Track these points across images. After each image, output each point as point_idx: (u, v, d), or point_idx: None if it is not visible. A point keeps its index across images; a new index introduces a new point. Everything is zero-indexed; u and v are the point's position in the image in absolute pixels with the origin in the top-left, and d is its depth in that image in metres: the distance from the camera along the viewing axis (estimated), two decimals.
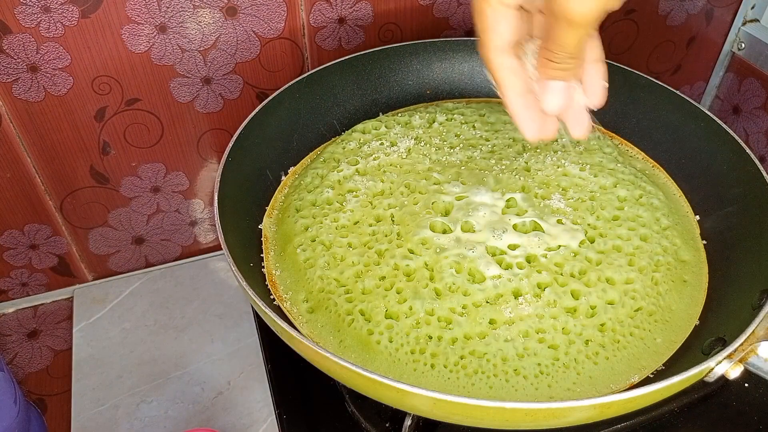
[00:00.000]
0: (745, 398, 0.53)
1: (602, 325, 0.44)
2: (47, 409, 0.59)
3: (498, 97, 0.40)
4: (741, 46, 0.77)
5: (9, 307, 0.67)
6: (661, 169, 0.59)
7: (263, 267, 0.50)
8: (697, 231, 0.53)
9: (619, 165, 0.55)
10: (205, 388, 0.57)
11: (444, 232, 0.48)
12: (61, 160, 0.59)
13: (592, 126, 0.40)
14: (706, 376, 0.40)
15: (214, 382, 0.58)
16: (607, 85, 0.39)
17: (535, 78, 0.37)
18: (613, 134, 0.62)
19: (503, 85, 0.37)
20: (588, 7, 0.31)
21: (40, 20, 0.51)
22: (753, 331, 0.40)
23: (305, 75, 0.58)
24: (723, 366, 0.39)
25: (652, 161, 0.59)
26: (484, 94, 0.65)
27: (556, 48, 0.34)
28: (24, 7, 0.50)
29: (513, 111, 0.38)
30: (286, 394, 0.55)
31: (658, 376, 0.43)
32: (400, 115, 0.61)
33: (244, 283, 0.42)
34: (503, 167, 0.54)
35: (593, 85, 0.38)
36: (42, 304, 0.67)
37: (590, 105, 0.39)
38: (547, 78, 0.36)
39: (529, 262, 0.47)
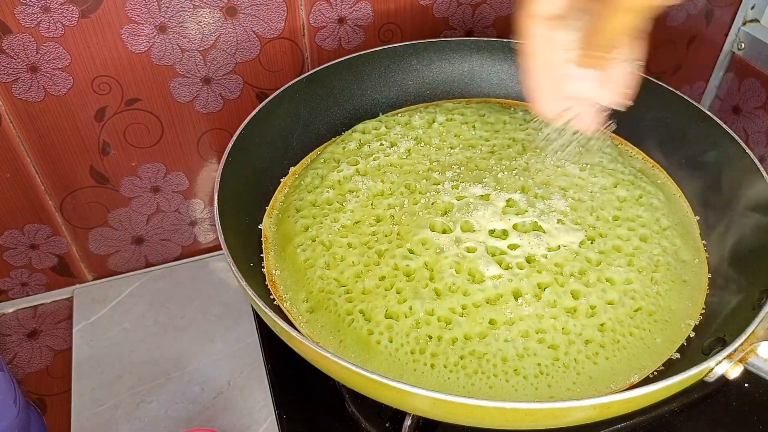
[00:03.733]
0: (745, 398, 0.53)
1: (602, 325, 0.44)
2: (47, 409, 0.59)
3: (497, 97, 0.40)
4: (741, 46, 0.77)
5: (9, 307, 0.67)
6: (661, 169, 0.59)
7: (263, 267, 0.50)
8: (697, 231, 0.53)
9: (619, 165, 0.55)
10: (205, 388, 0.57)
11: (444, 232, 0.48)
12: (61, 160, 0.59)
13: (603, 129, 0.39)
14: (706, 376, 0.40)
15: (214, 382, 0.58)
16: (631, 90, 0.38)
17: (566, 62, 0.37)
18: (613, 134, 0.62)
19: (531, 50, 0.36)
20: None
21: (40, 20, 0.51)
22: (753, 331, 0.40)
23: (305, 75, 0.58)
24: (723, 366, 0.39)
25: (652, 161, 0.59)
26: (484, 94, 0.65)
27: (598, 32, 0.33)
28: (24, 7, 0.50)
29: (533, 79, 0.37)
30: (286, 394, 0.55)
31: (658, 376, 0.43)
32: (400, 115, 0.61)
33: (244, 283, 0.42)
34: (503, 167, 0.54)
35: (618, 84, 0.38)
36: (42, 304, 0.67)
37: (610, 103, 0.39)
38: (584, 65, 0.36)
39: (529, 262, 0.47)
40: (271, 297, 0.48)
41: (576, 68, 0.36)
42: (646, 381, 0.43)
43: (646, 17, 0.33)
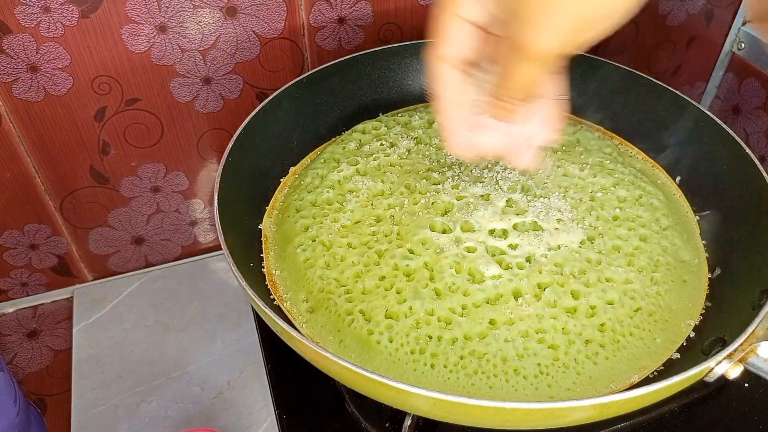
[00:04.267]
0: (745, 398, 0.53)
1: (602, 325, 0.44)
2: (47, 409, 0.59)
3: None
4: (741, 46, 0.77)
5: (9, 307, 0.67)
6: (661, 169, 0.59)
7: (263, 267, 0.50)
8: (697, 231, 0.53)
9: (618, 165, 0.55)
10: (205, 388, 0.57)
11: (444, 232, 0.48)
12: (61, 160, 0.59)
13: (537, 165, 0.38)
14: (706, 376, 0.40)
15: (214, 382, 0.58)
16: (560, 127, 0.37)
17: (479, 108, 0.36)
18: (613, 134, 0.62)
19: (439, 94, 0.35)
20: (549, 45, 0.28)
21: (40, 20, 0.51)
22: (753, 331, 0.40)
23: (305, 75, 0.58)
24: (723, 366, 0.39)
25: (652, 161, 0.59)
26: None
27: (507, 84, 0.32)
28: (24, 7, 0.50)
29: (442, 123, 0.36)
30: (286, 394, 0.55)
31: (658, 376, 0.43)
32: (400, 115, 0.61)
33: (244, 283, 0.42)
34: (503, 167, 0.54)
35: (546, 123, 0.37)
36: (42, 304, 0.67)
37: (540, 141, 0.37)
38: (491, 115, 0.34)
39: (528, 262, 0.47)
40: (271, 297, 0.48)
41: (487, 119, 0.35)
42: (646, 381, 0.43)
43: (555, 65, 0.30)
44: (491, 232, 0.48)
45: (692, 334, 0.46)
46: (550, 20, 0.28)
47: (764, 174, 0.50)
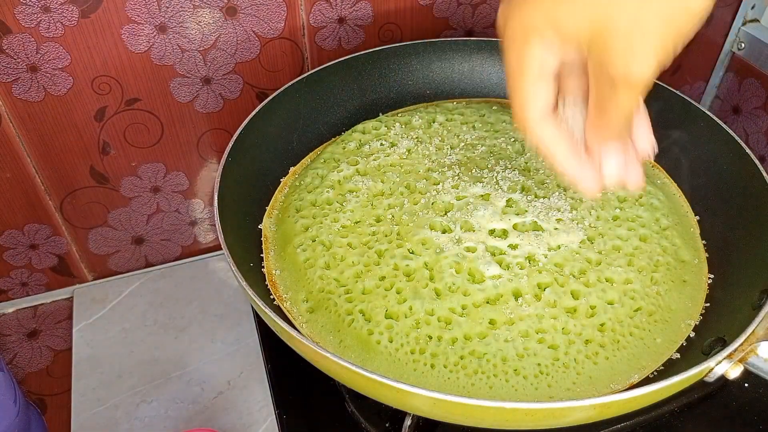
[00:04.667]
0: (745, 398, 0.53)
1: (602, 325, 0.44)
2: (47, 409, 0.59)
3: (497, 97, 0.41)
4: (741, 46, 0.77)
5: (9, 307, 0.67)
6: (661, 169, 0.59)
7: (263, 267, 0.50)
8: (697, 231, 0.53)
9: None
10: (205, 388, 0.57)
11: (444, 231, 0.48)
12: (61, 160, 0.59)
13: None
14: (706, 376, 0.40)
15: (214, 382, 0.58)
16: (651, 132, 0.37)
17: (579, 136, 0.36)
18: None
19: (551, 153, 0.36)
20: (649, 68, 0.29)
21: (40, 20, 0.51)
22: (753, 331, 0.40)
23: (305, 75, 0.58)
24: (723, 366, 0.39)
25: (652, 161, 0.59)
26: (484, 94, 0.65)
27: (612, 112, 0.32)
28: (24, 7, 0.50)
29: (568, 174, 0.36)
30: (286, 394, 0.55)
31: (658, 376, 0.43)
32: (400, 115, 0.61)
33: (244, 283, 0.42)
34: (503, 167, 0.54)
35: (642, 134, 0.37)
36: (42, 304, 0.67)
37: (644, 155, 0.37)
38: (603, 141, 0.34)
39: (529, 261, 0.47)
40: (271, 297, 0.48)
41: (600, 150, 0.35)
42: (646, 381, 0.43)
43: (649, 87, 0.31)
44: (491, 232, 0.48)
45: (692, 334, 0.46)
46: (643, 42, 0.28)
47: (764, 174, 0.50)
